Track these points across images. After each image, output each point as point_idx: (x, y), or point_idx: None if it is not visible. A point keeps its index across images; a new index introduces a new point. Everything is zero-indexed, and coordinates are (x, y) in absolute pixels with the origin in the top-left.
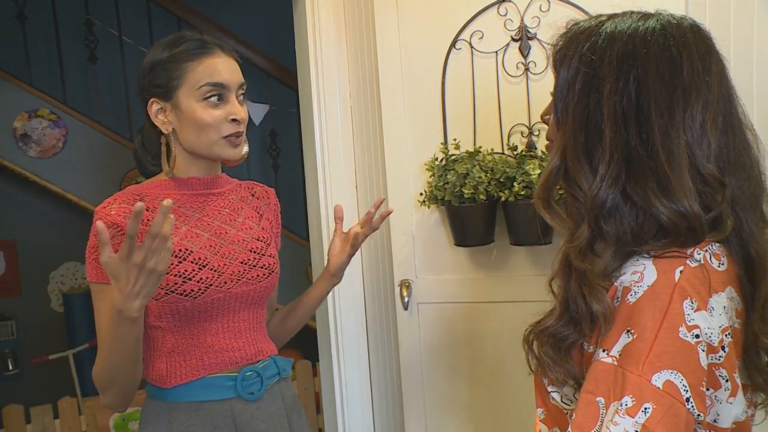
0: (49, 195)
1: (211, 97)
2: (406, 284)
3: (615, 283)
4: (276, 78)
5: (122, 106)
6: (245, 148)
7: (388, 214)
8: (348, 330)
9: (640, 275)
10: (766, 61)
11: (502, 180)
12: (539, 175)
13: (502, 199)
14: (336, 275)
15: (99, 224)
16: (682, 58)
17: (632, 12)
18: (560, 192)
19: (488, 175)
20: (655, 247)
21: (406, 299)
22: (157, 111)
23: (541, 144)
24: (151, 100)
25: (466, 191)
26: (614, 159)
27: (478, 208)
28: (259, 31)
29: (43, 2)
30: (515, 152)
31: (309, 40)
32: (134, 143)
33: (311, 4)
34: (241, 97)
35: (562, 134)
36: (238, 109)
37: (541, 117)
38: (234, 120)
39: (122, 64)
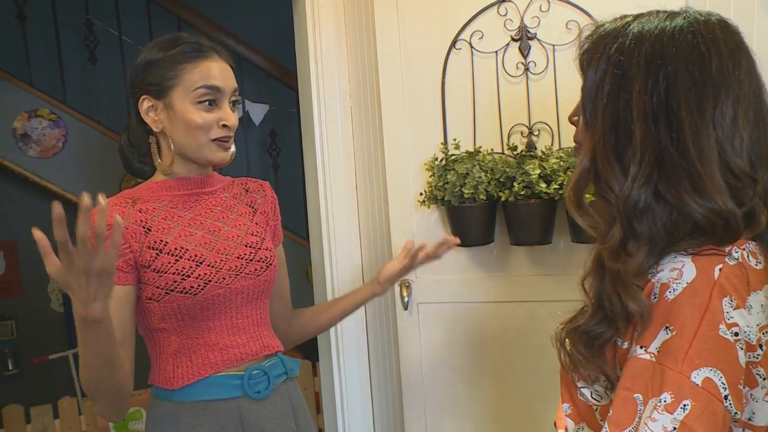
0: (49, 195)
1: (205, 100)
2: (406, 284)
3: (652, 280)
4: (276, 78)
5: (122, 106)
6: (232, 148)
7: (453, 245)
8: (348, 330)
9: (679, 272)
10: (766, 61)
11: (502, 180)
12: (537, 175)
13: (502, 199)
14: (381, 284)
15: (36, 232)
16: (711, 55)
17: (657, 11)
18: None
19: (488, 175)
20: (693, 245)
21: (406, 299)
22: (148, 108)
23: (541, 144)
24: (143, 97)
25: (466, 191)
26: (645, 159)
27: (478, 208)
28: (259, 31)
29: (43, 2)
30: (515, 152)
31: (309, 40)
32: (120, 142)
33: (311, 4)
34: (233, 104)
35: (592, 136)
36: (229, 114)
37: (569, 119)
38: (225, 126)
39: (122, 64)
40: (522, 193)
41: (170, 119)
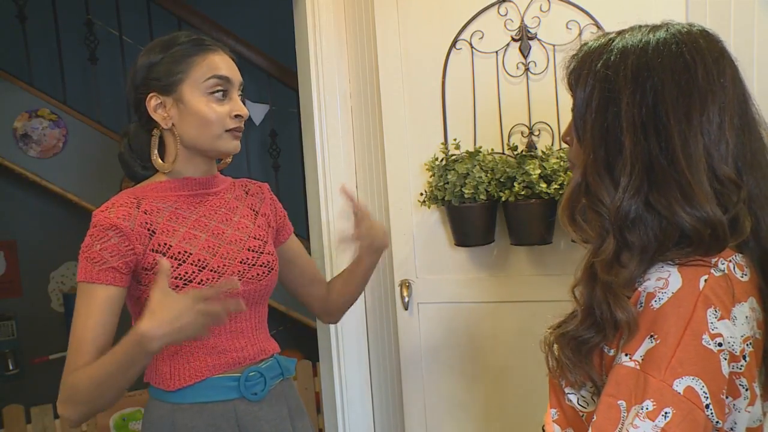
0: (49, 195)
1: (216, 91)
2: (406, 284)
3: (639, 289)
4: (276, 78)
5: (122, 106)
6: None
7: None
8: (348, 330)
9: (665, 282)
10: (766, 61)
11: (502, 180)
12: (538, 175)
13: (503, 199)
14: (370, 255)
15: (163, 261)
16: (696, 63)
17: (640, 26)
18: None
19: (488, 175)
20: (680, 255)
21: (406, 299)
22: (156, 105)
23: (542, 144)
24: (151, 94)
25: (466, 191)
26: (635, 170)
27: (478, 208)
28: (259, 31)
29: (43, 2)
30: (515, 152)
31: (309, 39)
32: (119, 149)
33: (311, 4)
34: (240, 96)
35: (583, 151)
36: (240, 105)
37: (562, 138)
38: (237, 116)
39: (122, 64)
40: (522, 193)
41: (181, 114)
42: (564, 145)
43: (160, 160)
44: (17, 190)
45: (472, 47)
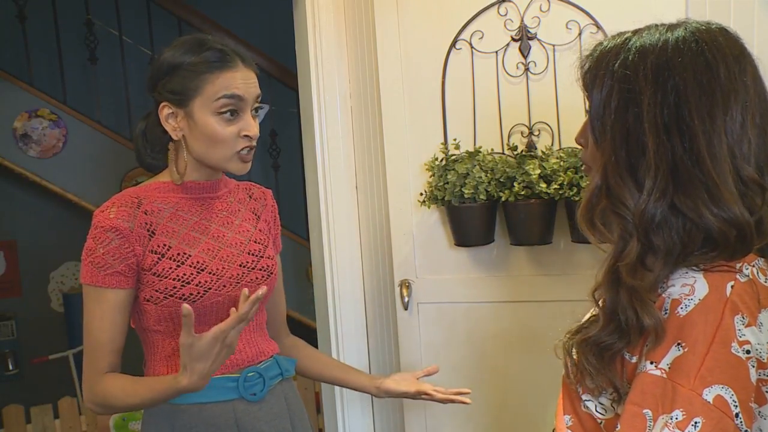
0: (49, 195)
1: (226, 111)
2: (406, 284)
3: (663, 295)
4: (276, 78)
5: (122, 106)
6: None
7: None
8: (348, 330)
9: (691, 288)
10: (766, 61)
11: (502, 180)
12: (538, 175)
13: (502, 199)
14: (379, 390)
15: (185, 307)
16: (718, 62)
17: (656, 25)
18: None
19: (488, 175)
20: (704, 260)
21: (406, 299)
22: (168, 115)
23: (541, 144)
24: (163, 104)
25: (466, 191)
26: (660, 171)
27: (478, 208)
28: (259, 31)
29: (43, 2)
30: (515, 152)
31: (309, 40)
32: (135, 129)
33: (311, 4)
34: (255, 110)
35: (602, 153)
36: (251, 124)
37: (576, 140)
38: (246, 136)
39: (122, 64)
40: (522, 193)
41: (190, 129)
42: (565, 145)
43: (175, 173)
44: (17, 190)
45: (472, 47)
